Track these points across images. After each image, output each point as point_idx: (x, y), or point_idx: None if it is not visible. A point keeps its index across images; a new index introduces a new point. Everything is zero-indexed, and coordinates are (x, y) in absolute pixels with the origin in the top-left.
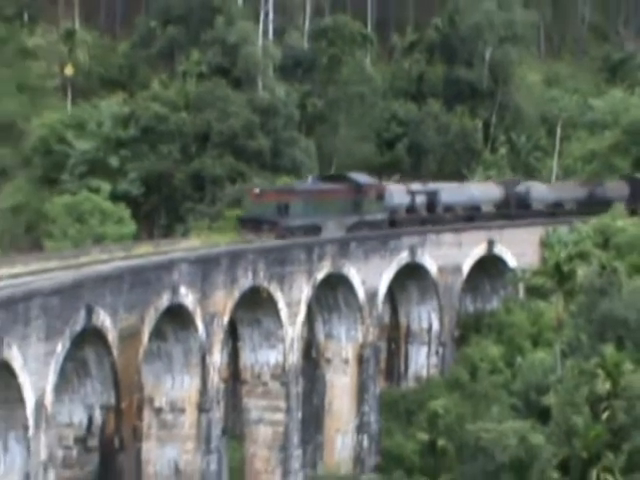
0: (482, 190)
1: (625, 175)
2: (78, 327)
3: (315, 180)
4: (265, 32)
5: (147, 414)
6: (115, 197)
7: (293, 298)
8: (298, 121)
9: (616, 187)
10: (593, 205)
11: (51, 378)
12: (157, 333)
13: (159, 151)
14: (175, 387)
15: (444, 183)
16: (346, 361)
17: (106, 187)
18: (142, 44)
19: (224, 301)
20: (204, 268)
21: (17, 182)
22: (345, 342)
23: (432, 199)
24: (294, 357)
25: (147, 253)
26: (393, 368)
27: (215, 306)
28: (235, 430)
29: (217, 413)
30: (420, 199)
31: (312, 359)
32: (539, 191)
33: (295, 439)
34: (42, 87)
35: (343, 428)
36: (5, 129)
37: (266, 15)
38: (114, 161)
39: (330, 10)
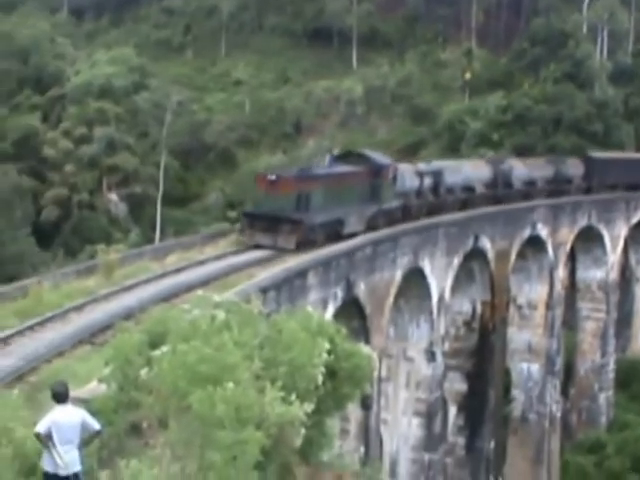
0: (475, 169)
1: (580, 153)
2: (468, 248)
3: (332, 161)
4: (601, 51)
5: (511, 308)
6: None
7: (615, 234)
8: (622, 112)
9: (574, 165)
10: (558, 183)
11: (449, 281)
12: (520, 254)
13: (526, 131)
14: (531, 291)
15: (445, 161)
16: None
17: (490, 154)
18: (517, 58)
19: (567, 235)
20: (554, 211)
21: (429, 150)
22: None
23: (437, 181)
24: (613, 275)
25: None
26: None
27: (561, 238)
28: (570, 323)
29: (559, 310)
30: (427, 181)
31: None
32: (519, 169)
33: (611, 331)
34: (449, 87)
35: None
36: (424, 114)
37: (602, 40)
38: (495, 136)
39: None
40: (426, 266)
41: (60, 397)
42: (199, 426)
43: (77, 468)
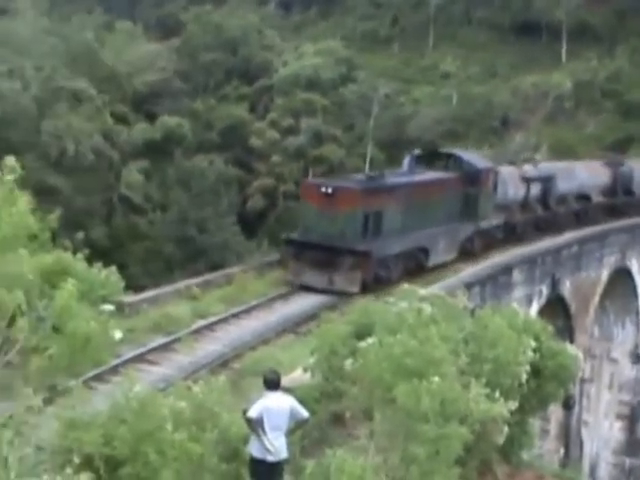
0: (590, 173)
1: None
2: None
3: (412, 164)
4: None
5: None
6: None
7: None
8: None
9: None
10: None
11: None
12: None
13: None
14: None
15: (556, 163)
16: None
17: None
18: None
19: None
20: None
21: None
22: None
23: (546, 188)
24: None
25: None
26: None
27: None
28: None
29: None
30: (535, 189)
31: None
32: None
33: None
34: None
35: None
36: (635, 109)
37: None
38: None
39: None
40: (634, 266)
41: (272, 384)
42: (404, 419)
43: (284, 455)
